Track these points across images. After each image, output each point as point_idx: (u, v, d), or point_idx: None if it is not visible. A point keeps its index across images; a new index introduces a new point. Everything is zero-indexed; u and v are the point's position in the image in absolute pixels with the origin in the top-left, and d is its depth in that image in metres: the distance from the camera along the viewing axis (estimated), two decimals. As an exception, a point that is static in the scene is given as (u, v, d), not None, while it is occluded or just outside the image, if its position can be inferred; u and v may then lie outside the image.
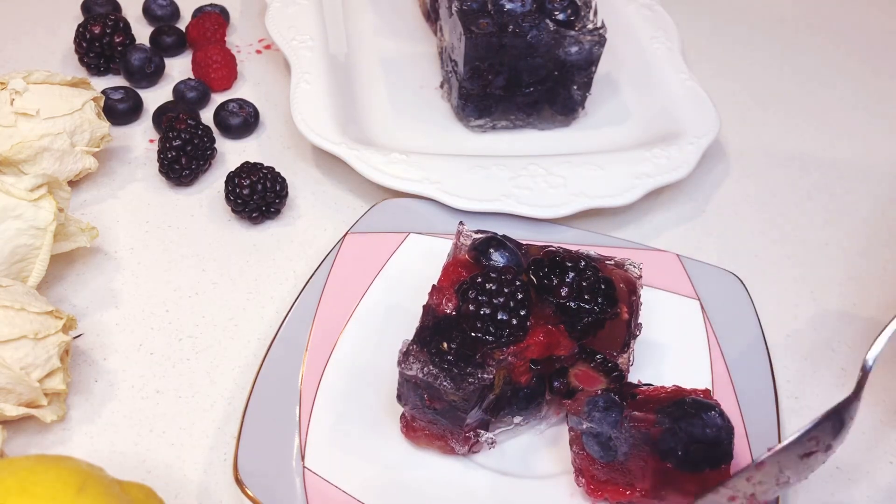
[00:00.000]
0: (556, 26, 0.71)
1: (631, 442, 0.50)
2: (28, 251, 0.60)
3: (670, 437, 0.49)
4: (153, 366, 0.61)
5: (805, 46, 0.94)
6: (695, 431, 0.49)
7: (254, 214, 0.69)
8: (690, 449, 0.49)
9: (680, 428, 0.49)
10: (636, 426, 0.50)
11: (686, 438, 0.49)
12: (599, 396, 0.52)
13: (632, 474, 0.52)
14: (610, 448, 0.51)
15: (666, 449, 0.49)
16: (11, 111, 0.67)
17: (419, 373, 0.50)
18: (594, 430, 0.51)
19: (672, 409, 0.50)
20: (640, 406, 0.51)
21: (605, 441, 0.51)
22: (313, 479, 0.53)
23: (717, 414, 0.50)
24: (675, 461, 0.49)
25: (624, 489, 0.53)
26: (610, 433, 0.51)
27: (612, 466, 0.52)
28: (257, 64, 0.86)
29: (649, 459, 0.50)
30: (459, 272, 0.54)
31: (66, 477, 0.44)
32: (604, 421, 0.51)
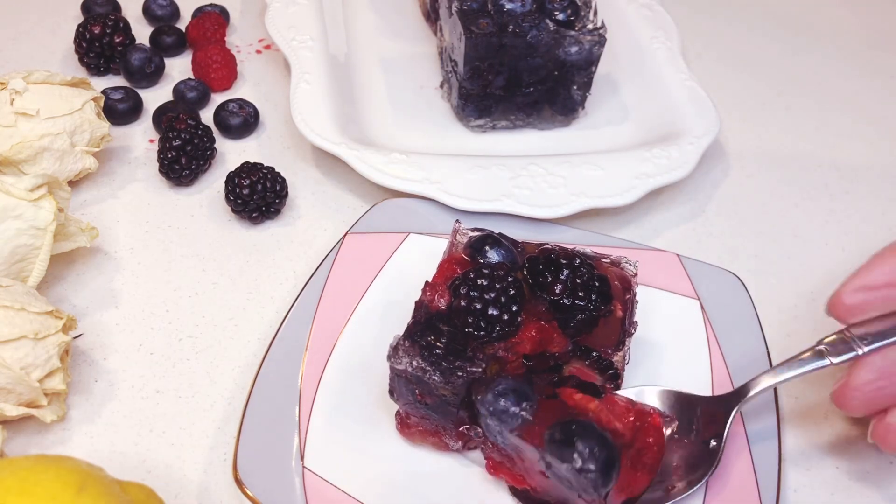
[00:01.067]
0: (556, 26, 0.71)
1: (520, 444, 0.49)
2: (28, 251, 0.60)
3: (546, 457, 0.48)
4: (153, 366, 0.61)
5: (805, 47, 0.94)
6: (557, 463, 0.47)
7: (254, 214, 0.69)
8: (559, 475, 0.48)
9: (550, 452, 0.48)
10: (527, 433, 0.49)
11: (553, 465, 0.48)
12: (510, 384, 0.49)
13: (524, 469, 0.51)
14: (503, 440, 0.50)
15: (545, 462, 0.48)
16: (11, 111, 0.67)
17: (408, 367, 0.50)
18: (486, 419, 0.49)
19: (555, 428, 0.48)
20: (547, 412, 0.49)
21: (491, 427, 0.50)
22: (313, 479, 0.53)
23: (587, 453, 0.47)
24: (553, 477, 0.49)
25: (517, 477, 0.52)
26: (501, 430, 0.49)
27: (506, 454, 0.51)
28: (257, 64, 0.86)
29: (536, 465, 0.49)
30: (454, 269, 0.54)
31: (65, 477, 0.44)
32: (500, 417, 0.49)
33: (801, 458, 0.58)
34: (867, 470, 0.57)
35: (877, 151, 0.82)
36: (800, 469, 0.57)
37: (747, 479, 0.53)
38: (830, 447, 0.59)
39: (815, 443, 0.59)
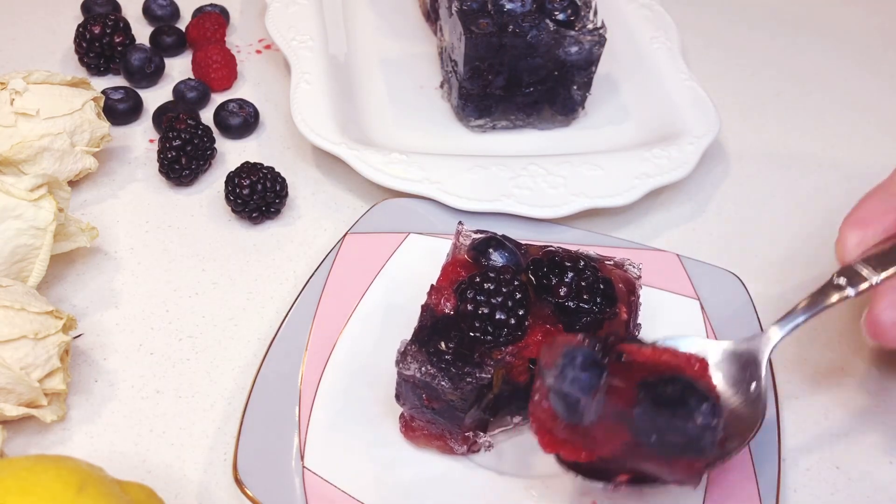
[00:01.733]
0: (556, 26, 0.71)
1: (603, 412, 0.47)
2: (28, 251, 0.60)
3: (647, 420, 0.45)
4: (153, 366, 0.61)
5: (805, 46, 0.94)
6: (675, 423, 0.45)
7: (254, 214, 0.69)
8: (666, 438, 0.45)
9: (660, 414, 0.45)
10: (612, 399, 0.46)
11: (664, 427, 0.45)
12: (579, 350, 0.47)
13: (594, 440, 0.48)
14: (577, 412, 0.47)
15: (640, 428, 0.46)
16: (11, 111, 0.67)
17: (417, 372, 0.50)
18: (563, 390, 0.47)
19: (658, 387, 0.46)
20: (623, 372, 0.47)
21: (573, 404, 0.47)
22: (312, 479, 0.53)
23: (707, 409, 0.45)
24: (646, 441, 0.46)
25: (581, 451, 0.49)
26: (580, 398, 0.47)
27: (575, 429, 0.48)
28: (257, 64, 0.86)
29: (619, 432, 0.47)
30: (458, 272, 0.54)
31: (65, 477, 0.44)
32: (577, 384, 0.46)
33: (801, 459, 0.58)
34: (867, 470, 0.57)
35: (878, 151, 0.82)
36: (800, 469, 0.57)
37: (747, 479, 0.53)
38: (831, 447, 0.59)
39: (815, 443, 0.59)
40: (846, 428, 0.60)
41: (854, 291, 0.53)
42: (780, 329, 0.54)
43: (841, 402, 0.61)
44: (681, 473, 0.47)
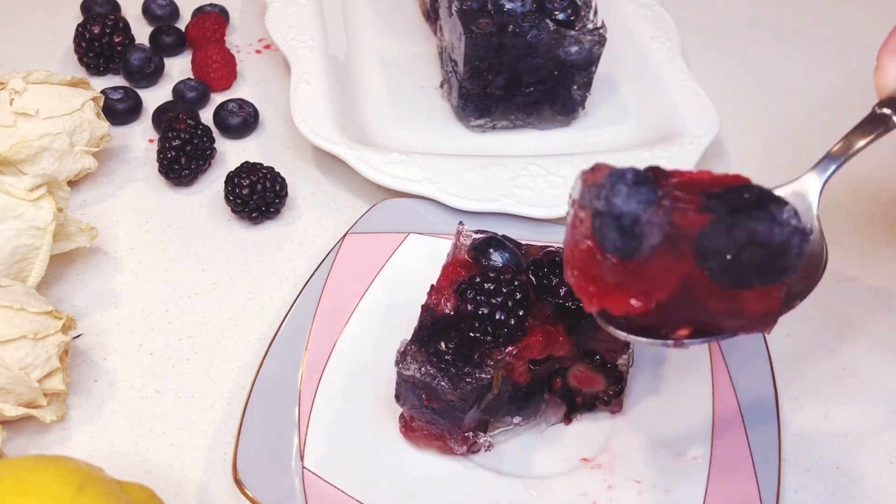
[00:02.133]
0: (556, 26, 0.71)
1: (664, 232, 0.39)
2: (28, 251, 0.60)
3: (720, 233, 0.38)
4: (153, 366, 0.61)
5: (806, 46, 0.94)
6: (758, 229, 0.38)
7: (253, 214, 0.69)
8: (744, 253, 0.38)
9: (737, 221, 0.38)
10: (677, 210, 0.39)
11: (742, 237, 0.38)
12: (627, 169, 0.40)
13: (651, 280, 0.40)
14: (634, 237, 0.40)
15: (709, 248, 0.39)
16: (11, 111, 0.67)
17: (417, 372, 0.50)
18: (617, 209, 0.40)
19: (727, 196, 0.39)
20: (681, 189, 0.40)
21: (630, 226, 0.40)
22: (312, 480, 0.53)
23: (790, 212, 0.38)
24: (716, 267, 0.39)
25: (633, 298, 0.41)
26: (639, 215, 0.40)
27: (627, 266, 0.40)
28: (257, 64, 0.86)
29: (681, 260, 0.39)
30: (459, 272, 0.54)
31: (65, 477, 0.44)
32: (633, 198, 0.40)
33: (801, 458, 0.58)
34: (868, 470, 0.57)
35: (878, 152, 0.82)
36: (800, 469, 0.57)
37: (747, 479, 0.53)
38: (831, 448, 0.59)
39: (815, 443, 0.59)
40: (846, 428, 0.60)
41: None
42: (832, 162, 0.51)
43: (841, 402, 0.61)
44: (753, 314, 0.41)
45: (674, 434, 0.56)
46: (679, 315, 0.42)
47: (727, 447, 0.55)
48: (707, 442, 0.55)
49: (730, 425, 0.56)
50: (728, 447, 0.55)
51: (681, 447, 0.56)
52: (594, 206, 0.41)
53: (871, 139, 0.52)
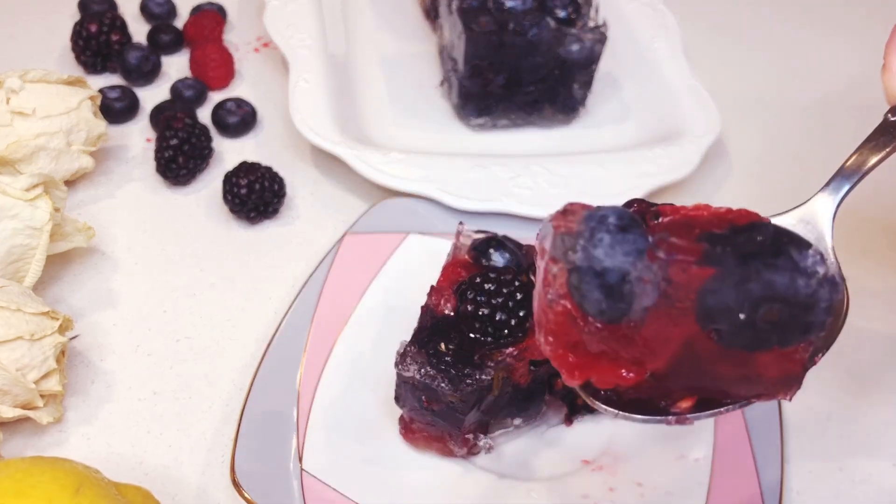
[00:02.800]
0: (556, 24, 0.71)
1: (659, 290, 0.33)
2: (24, 251, 0.60)
3: (729, 288, 0.32)
4: (150, 367, 0.60)
5: (808, 45, 0.94)
6: (776, 281, 0.31)
7: (252, 214, 0.69)
8: (760, 310, 0.32)
9: (750, 273, 0.31)
10: (675, 263, 0.32)
11: (757, 292, 0.32)
12: (608, 210, 0.34)
13: (642, 346, 0.34)
14: (622, 297, 0.33)
15: (716, 307, 0.32)
16: (7, 110, 0.66)
17: (416, 374, 0.50)
18: (599, 264, 0.33)
19: (735, 240, 0.32)
20: (674, 231, 0.33)
21: (617, 285, 0.33)
22: (311, 482, 0.52)
23: (816, 257, 0.32)
24: (726, 329, 0.32)
25: (624, 368, 0.35)
26: (627, 271, 0.33)
27: (614, 331, 0.34)
28: (255, 62, 0.85)
29: (681, 322, 0.33)
30: (459, 272, 0.54)
31: (62, 479, 0.43)
32: (618, 249, 0.33)
33: (804, 461, 0.57)
34: (870, 472, 0.57)
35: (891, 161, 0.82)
36: (803, 471, 0.57)
37: (750, 481, 0.53)
38: (834, 449, 0.58)
39: (817, 445, 0.58)
40: (849, 430, 0.59)
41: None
42: (845, 182, 0.43)
43: (844, 404, 0.61)
44: (771, 379, 0.34)
45: (675, 436, 0.56)
46: (680, 384, 0.35)
47: (729, 449, 0.55)
48: (709, 443, 0.55)
49: (732, 427, 0.56)
50: (730, 449, 0.54)
51: (683, 449, 0.55)
52: (570, 260, 0.34)
53: (886, 153, 0.45)
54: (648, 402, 0.36)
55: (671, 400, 0.36)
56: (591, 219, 0.34)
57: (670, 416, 0.36)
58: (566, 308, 0.34)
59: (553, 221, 0.35)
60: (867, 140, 0.46)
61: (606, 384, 0.35)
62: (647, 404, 0.36)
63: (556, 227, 0.35)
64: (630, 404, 0.36)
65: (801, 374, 0.35)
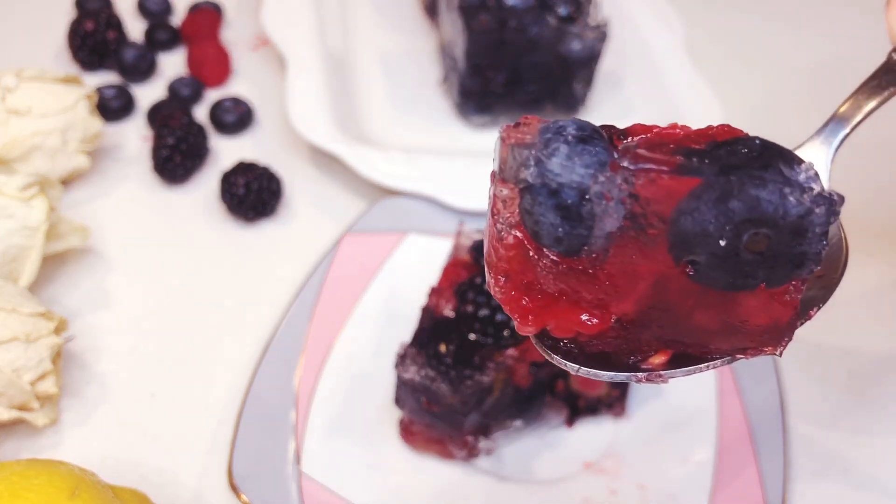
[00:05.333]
0: (557, 22, 0.71)
1: (626, 209, 0.28)
2: (19, 251, 0.59)
3: (708, 207, 0.27)
4: (147, 368, 0.60)
5: (812, 42, 0.93)
6: (762, 197, 0.27)
7: (249, 214, 0.69)
8: (743, 235, 0.27)
9: (733, 187, 0.26)
10: (644, 173, 0.27)
11: (741, 211, 0.27)
12: (568, 121, 0.29)
13: (605, 284, 0.29)
14: (581, 220, 0.28)
15: (692, 231, 0.27)
16: (3, 109, 0.66)
17: (416, 375, 0.49)
18: (555, 179, 0.28)
19: (716, 152, 0.27)
20: (644, 144, 0.28)
21: (575, 205, 0.28)
22: (309, 484, 0.52)
23: (808, 171, 0.27)
24: (704, 260, 0.27)
25: (585, 312, 0.30)
26: (587, 186, 0.28)
27: (573, 265, 0.29)
28: (253, 60, 0.85)
29: (651, 253, 0.28)
30: (459, 273, 0.53)
31: (57, 482, 0.43)
32: (576, 160, 0.28)
33: (808, 463, 0.57)
34: (876, 475, 0.57)
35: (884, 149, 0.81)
36: (806, 474, 0.57)
37: (753, 484, 0.53)
38: (838, 452, 0.58)
39: (822, 447, 0.58)
40: (854, 432, 0.59)
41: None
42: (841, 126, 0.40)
43: (849, 406, 0.61)
44: (757, 329, 0.29)
45: (678, 438, 0.56)
46: (652, 334, 0.30)
47: (732, 451, 0.54)
48: (712, 446, 0.55)
49: (735, 429, 0.55)
50: (733, 451, 0.54)
51: (685, 451, 0.55)
52: (521, 179, 0.29)
53: (888, 94, 0.41)
54: (615, 358, 0.31)
55: (642, 354, 0.31)
56: (546, 130, 0.29)
57: (640, 374, 0.31)
58: (518, 240, 0.29)
59: (503, 133, 0.31)
60: (866, 81, 0.41)
61: (565, 332, 0.30)
62: (614, 360, 0.31)
63: (504, 139, 0.30)
64: (594, 360, 0.31)
65: (793, 321, 0.30)
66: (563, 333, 0.30)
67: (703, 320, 0.30)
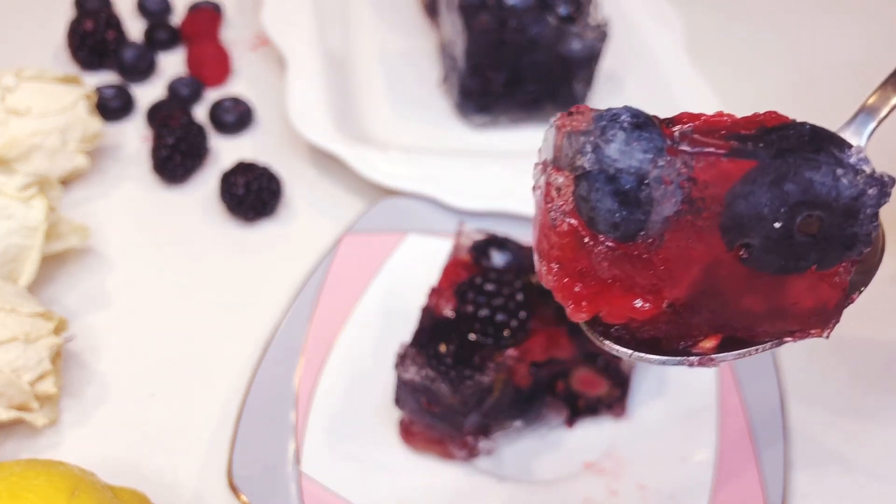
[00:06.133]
0: (557, 22, 0.71)
1: (683, 195, 0.28)
2: (19, 251, 0.59)
3: (762, 189, 0.27)
4: (146, 368, 0.60)
5: (812, 41, 0.93)
6: (815, 180, 0.27)
7: (249, 214, 0.68)
8: (797, 218, 0.28)
9: (789, 169, 0.27)
10: (702, 157, 0.28)
11: (796, 193, 0.27)
12: (620, 109, 0.31)
13: (659, 270, 0.30)
14: (639, 205, 0.29)
15: (747, 214, 0.28)
16: (3, 108, 0.66)
17: (416, 376, 0.49)
18: (613, 165, 0.29)
19: (767, 136, 0.28)
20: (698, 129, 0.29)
21: (634, 190, 0.29)
22: (309, 484, 0.52)
23: (858, 154, 0.28)
24: (758, 243, 0.28)
25: (639, 298, 0.30)
26: (646, 171, 0.29)
27: (628, 251, 0.30)
28: (252, 60, 0.85)
29: (704, 238, 0.29)
30: (459, 273, 0.53)
31: (57, 482, 0.43)
32: (634, 147, 0.29)
33: (809, 464, 0.57)
34: (876, 475, 0.57)
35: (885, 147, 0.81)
36: (807, 474, 0.56)
37: (753, 484, 0.53)
38: (838, 451, 0.58)
39: (823, 447, 0.58)
40: (855, 433, 0.59)
41: None
42: (871, 118, 0.40)
43: (850, 406, 0.60)
44: (805, 311, 0.30)
45: (678, 438, 0.56)
46: (702, 319, 0.31)
47: (732, 451, 0.54)
48: (712, 446, 0.55)
49: (735, 429, 0.55)
50: (733, 451, 0.54)
51: (685, 451, 0.55)
52: (578, 166, 0.29)
53: None
54: (665, 343, 0.32)
55: (692, 339, 0.32)
56: (601, 118, 0.30)
57: (692, 358, 0.32)
58: (572, 227, 0.30)
59: (557, 121, 0.31)
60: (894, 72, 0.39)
61: (618, 318, 0.31)
62: (664, 345, 0.32)
63: (560, 127, 0.31)
64: (644, 345, 0.32)
65: (841, 303, 0.31)
66: (615, 319, 0.31)
67: (753, 304, 0.30)
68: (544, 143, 0.33)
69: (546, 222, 0.31)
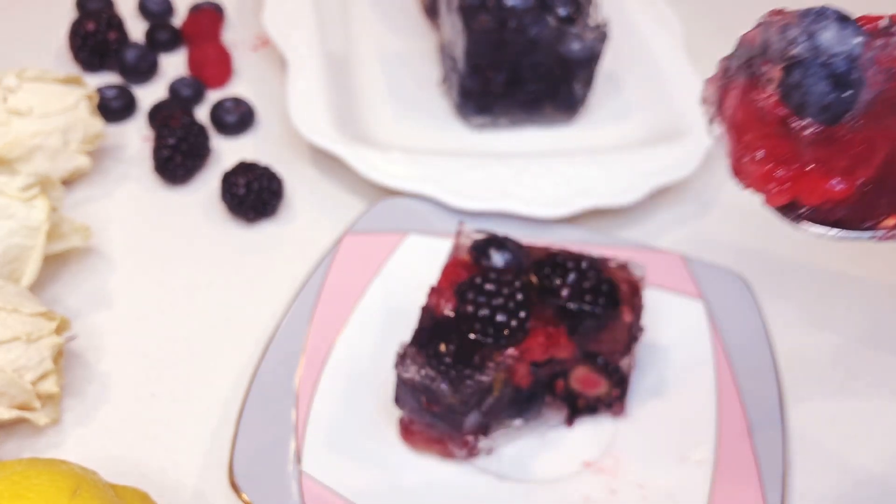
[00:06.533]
0: (557, 22, 0.71)
1: (885, 78, 0.32)
2: (21, 251, 0.59)
3: None
4: (148, 368, 0.60)
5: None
6: None
7: (250, 214, 0.69)
8: None
9: None
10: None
11: None
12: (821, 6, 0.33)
13: (858, 150, 0.32)
14: (848, 86, 0.32)
15: None
16: (4, 109, 0.66)
17: (416, 375, 0.49)
18: (828, 51, 0.32)
19: None
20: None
21: (845, 73, 0.32)
22: (310, 484, 0.52)
23: None
24: None
25: (836, 178, 0.33)
26: (857, 55, 0.32)
27: (831, 134, 0.32)
28: (254, 61, 0.85)
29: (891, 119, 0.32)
30: (459, 273, 0.53)
31: (59, 481, 0.43)
32: (846, 32, 0.32)
33: (807, 462, 0.57)
34: (875, 474, 0.57)
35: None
36: (806, 473, 0.57)
37: (752, 483, 0.53)
38: (837, 450, 0.58)
39: (821, 446, 0.58)
40: (853, 431, 0.59)
41: None
42: None
43: (848, 405, 0.61)
44: None
45: (677, 437, 0.56)
46: (886, 200, 0.33)
47: (732, 450, 0.54)
48: (711, 445, 0.55)
49: (734, 428, 0.55)
50: (732, 450, 0.54)
51: (684, 451, 0.55)
52: (790, 55, 0.32)
53: None
54: (847, 224, 0.35)
55: (874, 220, 0.34)
56: (807, 14, 0.33)
57: (878, 231, 0.34)
58: (779, 116, 0.33)
59: (767, 18, 0.35)
60: None
61: (815, 199, 0.34)
62: (847, 226, 0.35)
63: (772, 23, 0.35)
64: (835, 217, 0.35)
65: None
66: (813, 201, 0.34)
67: None
68: (738, 47, 0.37)
69: (752, 111, 0.34)
